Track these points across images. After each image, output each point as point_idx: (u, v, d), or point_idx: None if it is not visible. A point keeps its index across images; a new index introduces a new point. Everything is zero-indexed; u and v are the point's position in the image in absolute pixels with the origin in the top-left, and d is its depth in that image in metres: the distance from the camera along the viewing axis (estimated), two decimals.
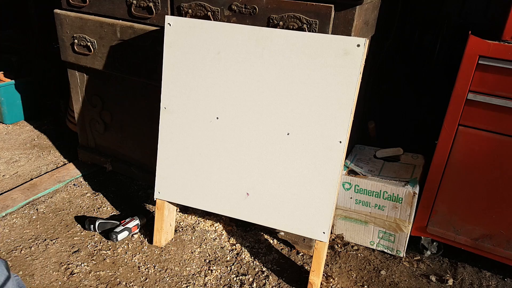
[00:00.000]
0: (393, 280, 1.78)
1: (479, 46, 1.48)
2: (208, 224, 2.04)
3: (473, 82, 1.54)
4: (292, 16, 1.49)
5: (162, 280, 1.71)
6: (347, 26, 1.44)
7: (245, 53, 1.52)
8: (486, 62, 1.49)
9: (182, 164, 1.71)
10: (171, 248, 1.89)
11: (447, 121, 1.63)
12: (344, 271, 1.82)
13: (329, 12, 1.44)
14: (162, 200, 1.82)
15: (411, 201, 1.76)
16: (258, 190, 1.61)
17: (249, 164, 1.60)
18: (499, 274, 1.82)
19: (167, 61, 1.64)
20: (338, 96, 1.42)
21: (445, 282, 1.77)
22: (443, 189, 1.73)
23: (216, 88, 1.59)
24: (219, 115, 1.61)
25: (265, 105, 1.53)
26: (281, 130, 1.53)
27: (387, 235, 1.88)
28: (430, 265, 1.87)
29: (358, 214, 1.89)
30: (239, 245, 1.92)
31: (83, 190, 2.27)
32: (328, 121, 1.45)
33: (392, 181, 1.80)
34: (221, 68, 1.56)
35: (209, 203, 1.71)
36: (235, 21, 1.61)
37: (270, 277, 1.75)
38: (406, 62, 2.33)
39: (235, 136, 1.60)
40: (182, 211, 2.12)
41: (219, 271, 1.77)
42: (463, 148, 1.64)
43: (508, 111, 1.52)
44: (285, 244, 1.93)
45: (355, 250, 1.94)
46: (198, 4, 1.66)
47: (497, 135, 1.57)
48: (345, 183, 1.85)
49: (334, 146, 1.46)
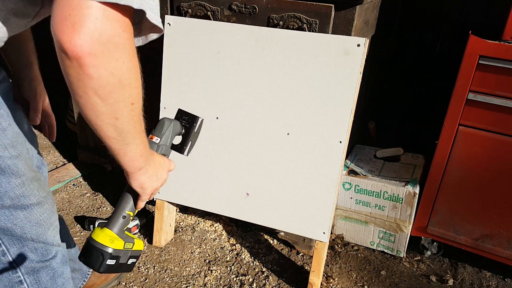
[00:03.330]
0: (393, 281, 1.77)
1: (479, 46, 1.48)
2: (208, 224, 2.04)
3: (473, 82, 1.54)
4: (292, 16, 1.49)
5: (161, 280, 1.71)
6: (347, 26, 1.44)
7: (245, 53, 1.51)
8: (486, 62, 1.49)
9: (182, 164, 1.71)
10: (171, 248, 1.89)
11: (448, 121, 1.63)
12: (344, 271, 1.81)
13: (329, 12, 1.43)
14: (162, 200, 1.81)
15: (412, 201, 1.76)
16: (258, 190, 1.61)
17: (249, 164, 1.60)
18: (500, 274, 1.82)
19: (166, 61, 1.64)
20: (338, 96, 1.42)
21: (446, 282, 1.77)
22: (443, 189, 1.73)
23: (216, 88, 1.59)
24: (219, 115, 1.61)
25: (265, 105, 1.53)
26: (281, 130, 1.52)
27: (387, 235, 1.87)
28: (430, 265, 1.87)
29: (358, 214, 1.89)
30: (239, 245, 1.92)
31: (83, 190, 2.27)
32: (328, 121, 1.45)
33: (393, 181, 1.80)
34: (221, 68, 1.56)
35: (209, 203, 1.71)
36: (235, 21, 1.61)
37: (270, 278, 1.75)
38: (406, 62, 2.33)
39: (235, 136, 1.60)
40: (182, 211, 2.12)
41: (219, 271, 1.77)
42: (464, 148, 1.63)
43: (508, 111, 1.52)
44: (285, 244, 1.93)
45: (355, 250, 1.93)
46: (198, 4, 1.65)
47: (497, 135, 1.57)
48: (345, 183, 1.85)
49: (334, 146, 1.46)
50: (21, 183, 0.96)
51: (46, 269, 1.09)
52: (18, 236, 1.01)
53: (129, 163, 0.88)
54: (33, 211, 1.01)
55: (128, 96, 0.75)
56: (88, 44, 0.65)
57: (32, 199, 1.00)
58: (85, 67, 0.66)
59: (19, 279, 1.06)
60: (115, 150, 0.83)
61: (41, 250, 1.07)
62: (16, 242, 1.02)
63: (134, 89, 0.76)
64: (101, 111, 0.73)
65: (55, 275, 1.12)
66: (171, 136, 1.09)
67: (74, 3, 0.63)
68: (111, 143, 0.80)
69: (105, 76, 0.69)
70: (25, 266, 1.05)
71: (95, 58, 0.66)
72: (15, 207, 0.97)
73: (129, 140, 0.82)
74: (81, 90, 0.70)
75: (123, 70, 0.71)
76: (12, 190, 0.95)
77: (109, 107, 0.73)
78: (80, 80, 0.69)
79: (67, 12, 0.64)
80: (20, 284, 1.06)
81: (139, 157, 0.88)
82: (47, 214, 1.06)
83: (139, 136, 0.85)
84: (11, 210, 0.97)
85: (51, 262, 1.10)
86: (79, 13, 0.63)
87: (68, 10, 0.64)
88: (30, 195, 0.99)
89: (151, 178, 0.94)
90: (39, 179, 1.03)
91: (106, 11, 0.65)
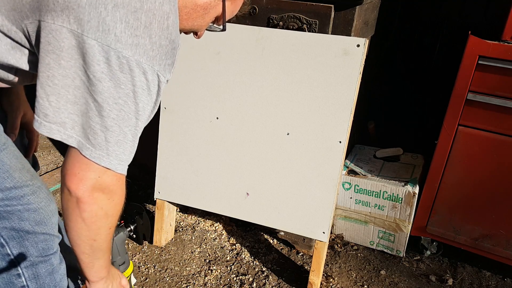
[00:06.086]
0: (393, 280, 1.78)
1: (479, 46, 1.49)
2: (208, 224, 2.04)
3: (473, 82, 1.54)
4: (292, 16, 1.49)
5: (162, 280, 1.72)
6: (347, 26, 1.44)
7: (245, 53, 1.52)
8: (486, 62, 1.49)
9: (182, 164, 1.71)
10: (171, 248, 1.89)
11: (447, 121, 1.63)
12: (344, 271, 1.82)
13: (329, 12, 1.44)
14: (162, 200, 1.82)
15: (411, 201, 1.76)
16: (258, 190, 1.61)
17: (249, 164, 1.60)
18: (499, 274, 1.82)
19: None
20: (338, 96, 1.42)
21: (445, 282, 1.77)
22: (442, 189, 1.73)
23: (216, 88, 1.59)
24: (219, 115, 1.61)
25: (265, 105, 1.53)
26: (281, 130, 1.53)
27: (387, 235, 1.88)
28: (430, 265, 1.87)
29: (358, 214, 1.89)
30: (239, 245, 1.92)
31: None
32: (328, 121, 1.45)
33: (392, 181, 1.80)
34: (221, 68, 1.56)
35: (209, 203, 1.71)
36: (235, 21, 1.61)
37: (270, 277, 1.75)
38: (406, 62, 2.33)
39: (235, 136, 1.60)
40: (182, 211, 2.12)
41: (219, 271, 1.77)
42: (463, 148, 1.64)
43: (507, 111, 1.52)
44: (285, 244, 1.94)
45: (355, 250, 1.94)
46: None
47: (496, 135, 1.57)
48: (345, 183, 1.85)
49: (334, 146, 1.46)
50: (9, 175, 0.95)
51: (45, 264, 1.08)
52: (17, 228, 1.00)
53: (94, 274, 0.99)
54: (30, 200, 1.00)
55: (109, 223, 0.91)
56: (90, 192, 0.83)
57: (25, 190, 0.98)
58: (82, 205, 0.84)
59: (17, 272, 1.05)
60: (84, 263, 0.96)
61: (42, 244, 1.06)
62: (16, 235, 1.01)
63: (115, 217, 0.92)
64: (84, 234, 0.89)
65: (54, 271, 1.12)
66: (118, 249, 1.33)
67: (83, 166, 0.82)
68: (83, 257, 0.94)
69: (95, 211, 0.86)
70: (25, 260, 1.05)
71: (92, 199, 0.84)
72: (9, 199, 0.96)
73: (99, 255, 0.96)
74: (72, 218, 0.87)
75: (111, 206, 0.88)
76: (1, 183, 0.94)
77: (91, 232, 0.89)
78: (74, 212, 0.86)
79: (77, 170, 0.83)
80: (18, 278, 1.06)
81: (104, 268, 1.00)
82: (45, 203, 1.04)
83: (107, 252, 0.99)
84: (5, 202, 0.96)
85: (50, 257, 1.10)
86: (86, 174, 0.82)
87: (78, 169, 0.83)
88: (22, 186, 0.98)
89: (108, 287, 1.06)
90: (29, 170, 1.02)
91: (108, 172, 0.84)
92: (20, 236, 1.02)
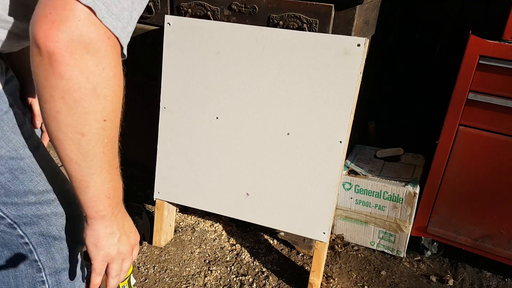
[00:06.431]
0: (393, 281, 1.77)
1: (480, 46, 1.48)
2: (207, 224, 2.04)
3: (474, 82, 1.53)
4: (292, 16, 1.49)
5: (161, 281, 1.71)
6: (347, 26, 1.44)
7: (245, 53, 1.51)
8: (486, 62, 1.49)
9: (181, 164, 1.71)
10: (171, 248, 1.88)
11: (448, 121, 1.63)
12: (344, 271, 1.81)
13: (329, 12, 1.43)
14: (162, 201, 1.81)
15: (412, 201, 1.75)
16: (258, 190, 1.61)
17: (249, 164, 1.60)
18: (500, 275, 1.82)
19: (166, 61, 1.64)
20: (339, 96, 1.42)
21: (446, 282, 1.77)
22: (443, 189, 1.72)
23: (216, 88, 1.58)
24: (219, 115, 1.60)
25: (265, 105, 1.53)
26: (281, 130, 1.52)
27: (387, 236, 1.87)
28: (430, 266, 1.87)
29: (358, 214, 1.89)
30: (239, 246, 1.92)
31: None
32: (328, 121, 1.45)
33: (393, 181, 1.80)
34: (221, 67, 1.56)
35: (208, 203, 1.71)
36: (235, 21, 1.60)
37: (270, 278, 1.75)
38: (406, 62, 2.33)
39: (235, 136, 1.60)
40: (181, 211, 2.11)
41: (219, 272, 1.77)
42: (464, 148, 1.63)
43: (508, 111, 1.52)
44: (285, 245, 1.93)
45: (355, 251, 1.93)
46: (197, 4, 1.65)
47: (497, 135, 1.57)
48: (345, 183, 1.85)
49: (334, 146, 1.46)
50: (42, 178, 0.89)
51: (67, 271, 1.07)
52: (45, 234, 0.97)
53: (90, 203, 0.72)
54: (58, 205, 0.94)
55: (101, 109, 0.64)
56: (65, 41, 0.58)
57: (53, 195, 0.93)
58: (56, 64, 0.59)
59: (42, 279, 1.03)
60: (76, 181, 0.69)
61: (66, 251, 1.04)
62: (44, 241, 0.98)
63: (110, 103, 0.65)
64: (65, 122, 0.63)
65: (75, 279, 1.10)
66: None
67: (58, 3, 0.58)
68: (72, 169, 0.67)
69: (77, 78, 0.60)
70: (49, 267, 1.02)
71: (70, 57, 0.59)
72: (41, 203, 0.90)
73: (94, 169, 0.68)
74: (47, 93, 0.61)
75: (101, 78, 0.62)
76: (35, 187, 0.92)
77: (76, 118, 0.62)
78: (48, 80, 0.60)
79: (49, 10, 0.58)
80: (42, 284, 1.04)
81: (105, 198, 0.72)
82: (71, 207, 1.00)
83: (108, 168, 0.71)
84: (37, 206, 0.89)
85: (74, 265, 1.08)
86: (62, 13, 0.58)
87: (50, 9, 0.58)
88: (51, 190, 0.92)
89: (111, 236, 0.77)
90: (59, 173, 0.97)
91: (91, 16, 0.59)
92: (47, 242, 0.96)
